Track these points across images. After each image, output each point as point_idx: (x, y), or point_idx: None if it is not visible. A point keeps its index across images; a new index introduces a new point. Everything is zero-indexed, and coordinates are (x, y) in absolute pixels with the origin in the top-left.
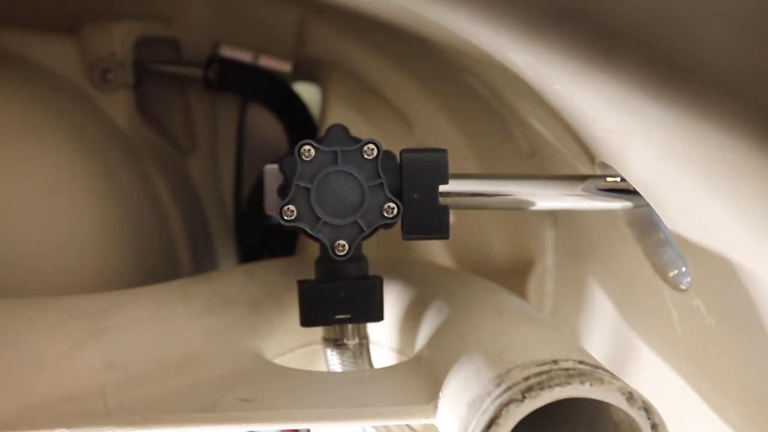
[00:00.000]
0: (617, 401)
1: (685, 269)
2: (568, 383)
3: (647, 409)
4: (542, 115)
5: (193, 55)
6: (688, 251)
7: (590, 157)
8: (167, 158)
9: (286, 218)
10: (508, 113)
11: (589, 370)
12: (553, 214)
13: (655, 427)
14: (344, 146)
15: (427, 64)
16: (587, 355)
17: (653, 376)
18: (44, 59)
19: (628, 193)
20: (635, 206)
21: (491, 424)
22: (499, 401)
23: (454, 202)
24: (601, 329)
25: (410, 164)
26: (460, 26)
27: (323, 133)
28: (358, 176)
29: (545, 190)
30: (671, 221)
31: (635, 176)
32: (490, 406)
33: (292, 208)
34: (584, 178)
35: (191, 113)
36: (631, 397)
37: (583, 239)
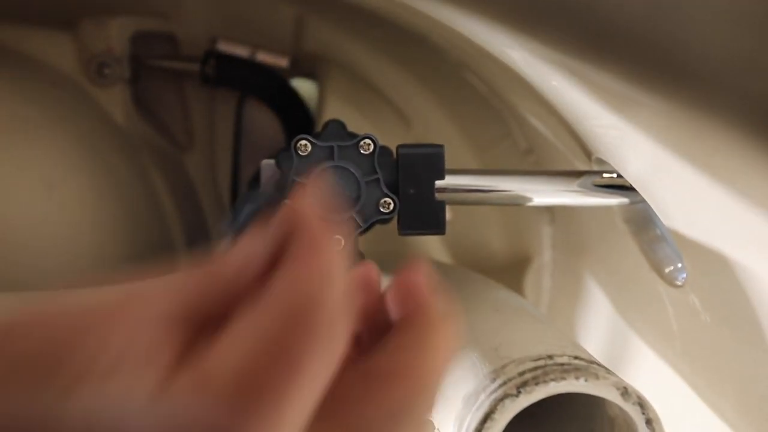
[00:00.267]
0: (612, 396)
1: (681, 265)
2: (563, 378)
3: (642, 404)
4: (540, 111)
5: (190, 50)
6: (684, 247)
7: (587, 153)
8: (164, 153)
9: None
10: (506, 110)
11: (584, 365)
12: (550, 210)
13: (649, 422)
14: (341, 141)
15: (425, 61)
16: (582, 350)
17: (649, 371)
18: (41, 54)
19: (624, 189)
20: (632, 202)
21: (486, 418)
22: (494, 396)
23: (450, 197)
24: (597, 325)
25: (407, 159)
26: (454, 21)
27: (320, 128)
28: (354, 171)
29: (542, 185)
30: (667, 217)
31: (632, 172)
32: (485, 400)
33: None
34: (581, 174)
35: (188, 108)
36: (625, 392)
37: (579, 236)
